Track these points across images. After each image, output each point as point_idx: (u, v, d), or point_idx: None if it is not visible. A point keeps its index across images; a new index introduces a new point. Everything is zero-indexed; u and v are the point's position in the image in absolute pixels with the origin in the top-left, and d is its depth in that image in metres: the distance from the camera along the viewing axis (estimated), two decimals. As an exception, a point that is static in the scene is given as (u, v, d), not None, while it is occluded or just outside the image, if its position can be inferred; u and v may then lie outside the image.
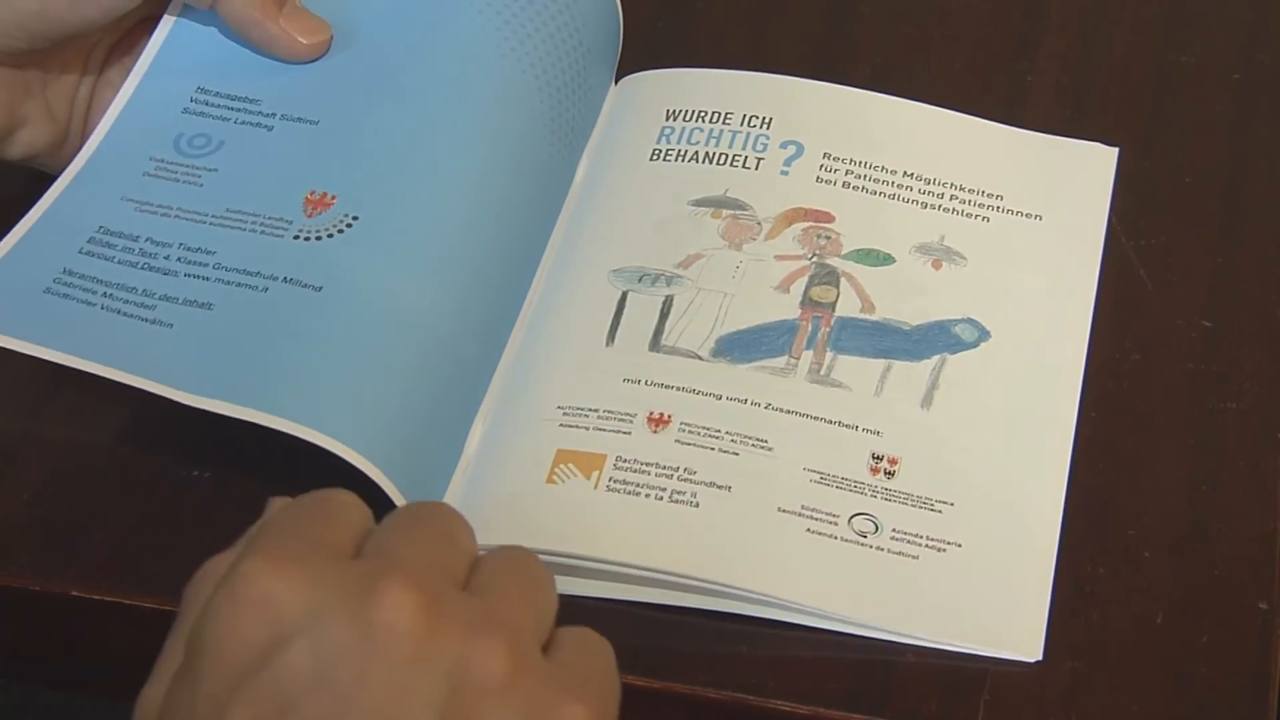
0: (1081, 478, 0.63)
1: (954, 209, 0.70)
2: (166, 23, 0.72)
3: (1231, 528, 0.62)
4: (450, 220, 0.66)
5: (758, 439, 0.64)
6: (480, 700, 0.45)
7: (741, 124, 0.73)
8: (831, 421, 0.64)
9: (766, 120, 0.73)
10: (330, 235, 0.65)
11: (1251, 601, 0.61)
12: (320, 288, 0.64)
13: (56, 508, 0.64)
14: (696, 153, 0.72)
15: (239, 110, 0.70)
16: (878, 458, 0.63)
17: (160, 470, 0.65)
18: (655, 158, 0.72)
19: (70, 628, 0.64)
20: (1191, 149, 0.74)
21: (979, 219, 0.70)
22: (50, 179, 0.70)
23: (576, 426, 0.64)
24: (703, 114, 0.73)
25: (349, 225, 0.65)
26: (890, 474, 0.63)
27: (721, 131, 0.73)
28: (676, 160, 0.72)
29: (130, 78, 0.71)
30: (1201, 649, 0.60)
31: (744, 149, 0.72)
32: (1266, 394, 0.66)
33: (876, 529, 0.62)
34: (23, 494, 0.65)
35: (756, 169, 0.71)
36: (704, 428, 0.64)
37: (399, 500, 0.60)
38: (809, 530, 0.62)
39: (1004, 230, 0.70)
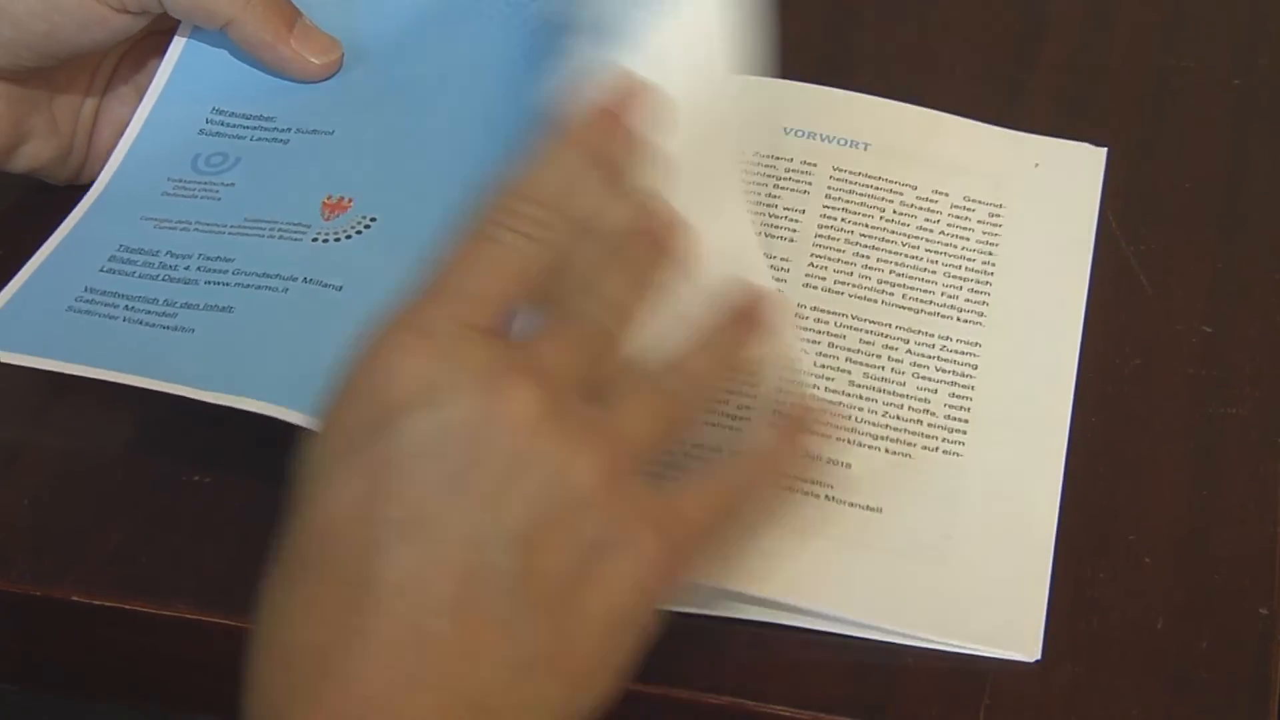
0: (1082, 482, 0.63)
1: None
2: (178, 45, 0.72)
3: (1232, 533, 0.62)
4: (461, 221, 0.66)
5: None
6: (567, 512, 0.48)
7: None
8: None
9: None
10: (349, 236, 0.65)
11: (1252, 606, 0.61)
12: (341, 287, 0.64)
13: (56, 512, 0.64)
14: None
15: (254, 129, 0.70)
16: None
17: (161, 475, 0.65)
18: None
19: (70, 633, 0.64)
20: (1191, 154, 0.74)
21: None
22: (54, 191, 0.71)
23: None
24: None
25: (367, 226, 0.65)
26: None
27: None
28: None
29: (144, 101, 0.71)
30: (1202, 654, 0.59)
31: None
32: (1267, 399, 0.66)
33: (876, 533, 0.62)
34: (23, 498, 0.65)
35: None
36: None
37: None
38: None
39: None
